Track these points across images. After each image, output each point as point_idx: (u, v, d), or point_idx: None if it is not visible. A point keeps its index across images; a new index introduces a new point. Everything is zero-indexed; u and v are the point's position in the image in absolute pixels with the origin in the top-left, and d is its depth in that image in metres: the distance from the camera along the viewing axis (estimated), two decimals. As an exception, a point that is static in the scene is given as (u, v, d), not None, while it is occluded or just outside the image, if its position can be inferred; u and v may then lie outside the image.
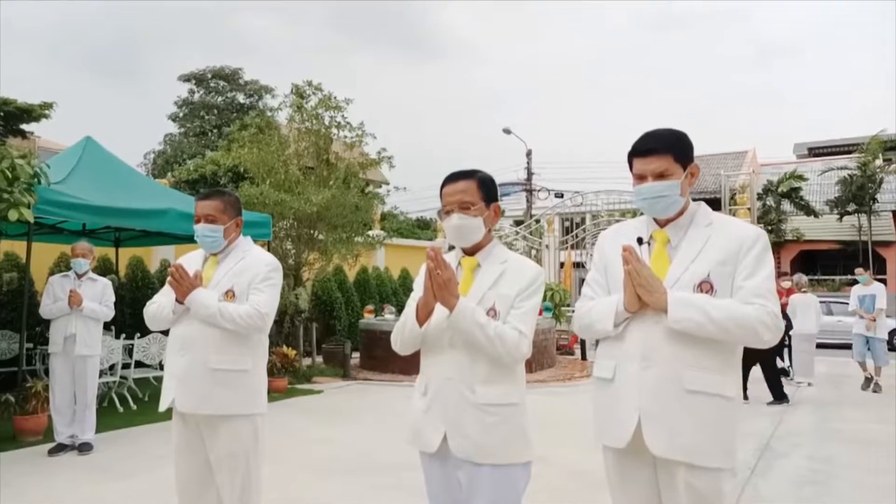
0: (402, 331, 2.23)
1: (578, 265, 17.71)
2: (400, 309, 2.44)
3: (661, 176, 2.02)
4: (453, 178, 2.24)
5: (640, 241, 2.07)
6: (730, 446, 1.96)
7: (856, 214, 23.13)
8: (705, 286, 1.96)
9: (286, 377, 8.93)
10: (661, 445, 1.93)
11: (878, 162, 22.93)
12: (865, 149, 23.24)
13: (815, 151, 31.73)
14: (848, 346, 13.47)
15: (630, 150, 2.10)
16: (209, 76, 26.93)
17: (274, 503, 4.06)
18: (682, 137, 2.08)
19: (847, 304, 17.54)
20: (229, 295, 2.74)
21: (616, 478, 2.11)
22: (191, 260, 2.91)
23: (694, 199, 2.13)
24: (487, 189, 2.23)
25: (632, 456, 2.02)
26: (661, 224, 2.11)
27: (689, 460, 1.91)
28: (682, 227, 2.08)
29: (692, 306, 1.91)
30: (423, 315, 2.16)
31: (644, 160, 2.05)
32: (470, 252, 2.26)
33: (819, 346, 15.70)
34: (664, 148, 2.04)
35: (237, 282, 2.77)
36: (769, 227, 22.58)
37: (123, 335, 7.51)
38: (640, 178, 2.06)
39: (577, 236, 17.50)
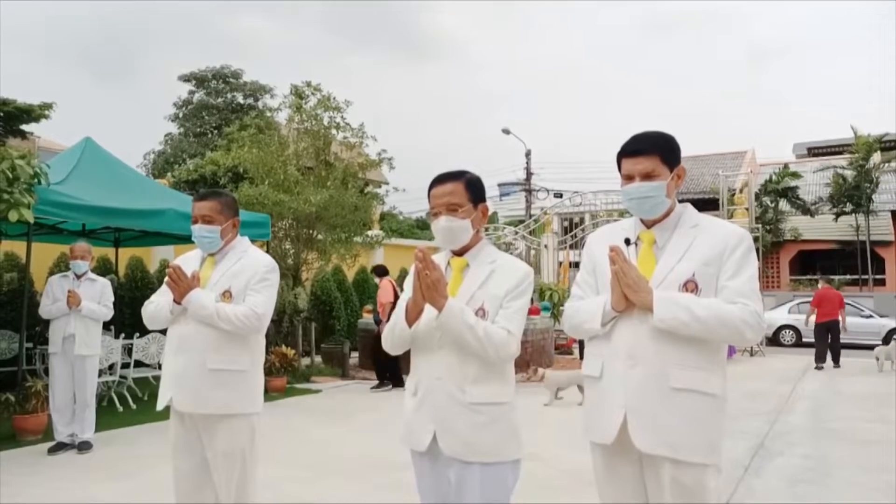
0: (393, 331, 2.26)
1: (576, 265, 17.72)
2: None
3: (648, 176, 2.06)
4: (441, 179, 2.25)
5: (627, 241, 2.11)
6: (714, 442, 1.99)
7: (853, 214, 23.12)
8: (690, 286, 2.00)
9: (285, 377, 8.96)
10: (645, 441, 1.97)
11: (876, 157, 22.85)
12: (855, 148, 23.23)
13: (815, 152, 31.72)
14: (846, 346, 13.56)
15: (619, 150, 2.14)
16: (209, 77, 26.95)
17: (272, 502, 4.09)
18: (669, 139, 2.13)
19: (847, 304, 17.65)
20: (226, 295, 2.76)
21: (603, 474, 2.14)
22: (188, 260, 2.93)
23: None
24: (475, 190, 2.25)
25: (618, 452, 2.05)
26: (648, 225, 2.15)
27: (673, 455, 1.95)
28: (668, 228, 2.12)
29: (677, 305, 1.95)
30: (412, 315, 2.18)
31: (632, 160, 2.09)
32: (459, 253, 2.27)
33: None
34: (652, 149, 2.08)
35: (234, 282, 2.79)
36: (767, 227, 22.55)
37: (123, 335, 7.54)
38: (627, 178, 2.11)
39: (575, 236, 17.51)
